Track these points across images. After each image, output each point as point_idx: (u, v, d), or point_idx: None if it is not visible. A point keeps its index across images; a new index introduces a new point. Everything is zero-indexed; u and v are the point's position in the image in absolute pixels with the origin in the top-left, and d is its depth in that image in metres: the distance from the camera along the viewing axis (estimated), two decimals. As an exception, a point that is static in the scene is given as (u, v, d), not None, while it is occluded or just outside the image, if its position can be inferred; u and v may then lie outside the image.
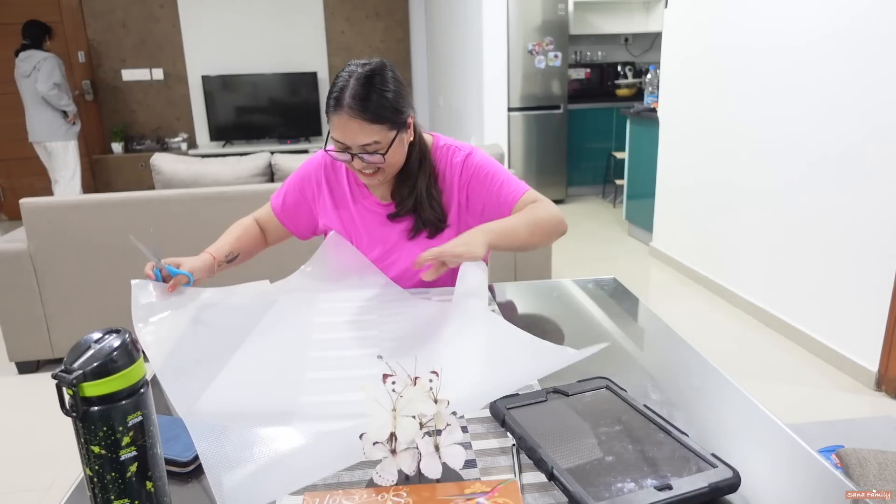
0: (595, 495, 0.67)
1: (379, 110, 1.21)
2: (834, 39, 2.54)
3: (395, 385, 0.70)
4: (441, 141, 1.42)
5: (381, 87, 1.22)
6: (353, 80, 1.22)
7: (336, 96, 1.22)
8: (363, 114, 1.20)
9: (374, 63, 1.25)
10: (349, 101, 1.20)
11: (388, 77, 1.25)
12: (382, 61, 1.27)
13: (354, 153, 1.25)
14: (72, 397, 0.61)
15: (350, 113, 1.20)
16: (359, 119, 1.21)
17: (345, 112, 1.21)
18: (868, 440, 1.97)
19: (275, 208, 1.48)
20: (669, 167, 3.96)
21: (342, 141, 1.24)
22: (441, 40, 5.94)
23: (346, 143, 1.24)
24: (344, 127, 1.22)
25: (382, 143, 1.24)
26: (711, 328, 3.12)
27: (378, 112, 1.21)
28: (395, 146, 1.27)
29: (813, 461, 0.78)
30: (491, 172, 1.38)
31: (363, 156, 1.25)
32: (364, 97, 1.20)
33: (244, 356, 1.04)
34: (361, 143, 1.23)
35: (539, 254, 3.03)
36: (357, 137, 1.22)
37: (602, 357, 1.06)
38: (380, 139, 1.23)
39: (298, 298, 1.29)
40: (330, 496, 0.67)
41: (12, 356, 2.77)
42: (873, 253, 2.42)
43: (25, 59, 4.51)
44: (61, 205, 2.61)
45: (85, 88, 5.88)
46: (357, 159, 1.26)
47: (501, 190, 1.37)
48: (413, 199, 1.37)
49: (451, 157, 1.39)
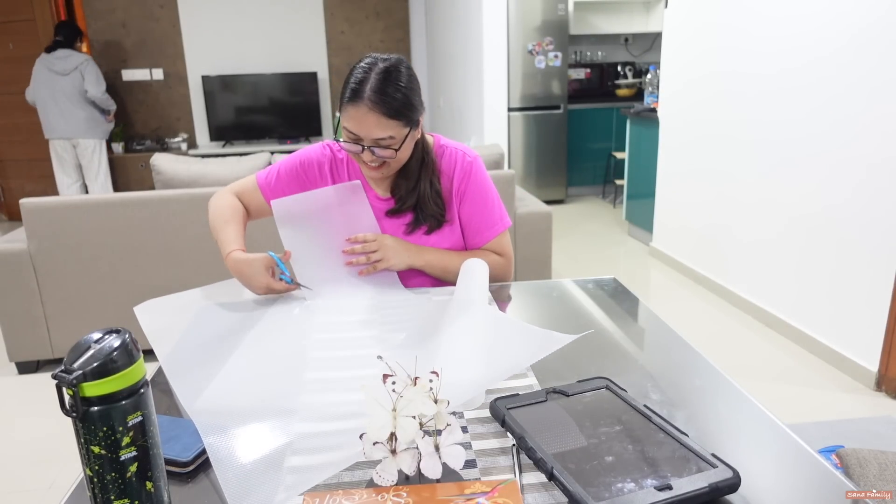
0: (595, 495, 0.67)
1: (397, 105, 1.22)
2: (835, 40, 2.54)
3: (395, 385, 0.70)
4: (442, 140, 1.43)
5: (399, 83, 1.23)
6: (373, 73, 1.22)
7: (354, 88, 1.22)
8: (382, 107, 1.21)
9: (394, 58, 1.26)
10: (369, 94, 1.20)
11: (410, 74, 1.26)
12: (401, 57, 1.28)
13: (366, 146, 1.25)
14: (72, 397, 0.61)
15: (369, 105, 1.21)
16: (377, 112, 1.21)
17: (364, 104, 1.21)
18: (868, 440, 1.97)
19: (261, 184, 1.45)
20: (669, 167, 3.96)
21: (356, 133, 1.24)
22: (441, 40, 5.94)
23: (360, 136, 1.24)
24: (361, 119, 1.22)
25: (396, 139, 1.25)
26: (711, 328, 3.12)
27: (396, 107, 1.22)
28: (407, 143, 1.29)
29: (813, 461, 0.78)
30: (484, 192, 1.43)
31: (374, 149, 1.25)
32: (384, 91, 1.21)
33: (244, 356, 1.05)
34: (376, 137, 1.23)
35: (539, 254, 3.03)
36: (373, 131, 1.23)
37: (602, 357, 1.06)
38: (395, 134, 1.24)
39: (299, 299, 1.29)
40: (330, 496, 0.67)
41: (12, 356, 2.77)
42: (873, 253, 2.42)
43: (63, 58, 4.60)
44: (61, 205, 2.61)
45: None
46: (367, 152, 1.26)
47: (485, 218, 1.43)
48: (415, 196, 1.38)
49: (456, 158, 1.41)
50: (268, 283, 1.26)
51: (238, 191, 1.47)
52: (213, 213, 1.42)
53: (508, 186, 2.88)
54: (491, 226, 1.45)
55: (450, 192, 1.42)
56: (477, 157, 1.43)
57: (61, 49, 4.60)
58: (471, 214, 1.43)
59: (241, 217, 1.43)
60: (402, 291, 1.35)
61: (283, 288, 1.27)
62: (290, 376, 0.99)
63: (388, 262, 1.34)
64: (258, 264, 1.27)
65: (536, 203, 3.11)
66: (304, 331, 1.15)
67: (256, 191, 1.46)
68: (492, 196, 1.44)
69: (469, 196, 1.42)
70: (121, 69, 6.08)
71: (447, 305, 1.22)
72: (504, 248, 1.48)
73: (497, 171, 2.87)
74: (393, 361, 0.73)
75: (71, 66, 4.62)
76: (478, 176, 1.42)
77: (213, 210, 1.43)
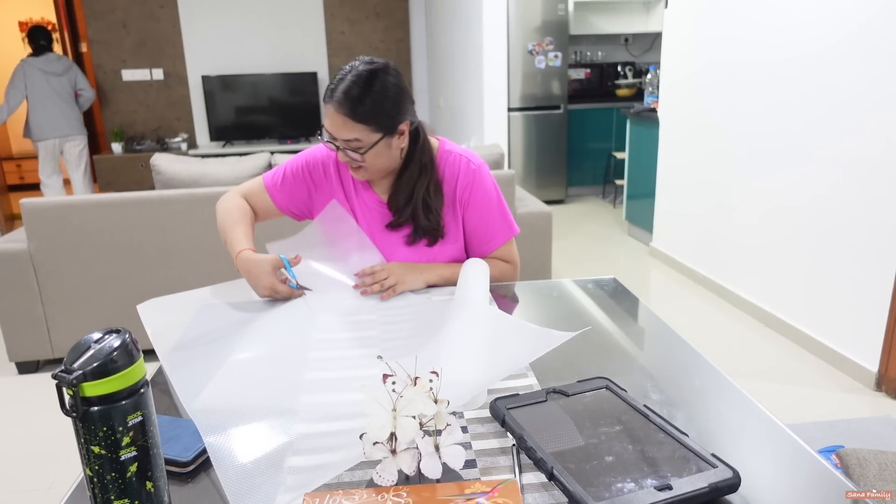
0: (595, 495, 0.67)
1: (364, 110, 1.24)
2: (835, 40, 2.54)
3: (395, 385, 0.70)
4: (447, 146, 1.42)
5: (374, 89, 1.24)
6: (350, 75, 1.25)
7: (331, 87, 1.25)
8: (346, 110, 1.23)
9: (378, 64, 1.27)
10: (339, 96, 1.23)
11: (388, 82, 1.26)
12: (387, 64, 1.28)
13: (338, 146, 1.29)
14: (72, 397, 0.61)
15: (335, 106, 1.24)
16: (342, 114, 1.24)
17: (332, 104, 1.24)
18: (868, 440, 1.97)
19: (268, 185, 1.46)
20: (669, 167, 3.96)
21: (329, 131, 1.28)
22: (441, 40, 5.94)
23: (333, 135, 1.28)
24: (330, 118, 1.26)
25: (363, 143, 1.27)
26: (711, 328, 3.12)
27: (363, 112, 1.24)
28: (379, 149, 1.29)
29: (813, 461, 0.78)
30: (490, 200, 1.42)
31: (347, 150, 1.29)
32: (353, 95, 1.23)
33: (245, 355, 1.05)
34: (343, 138, 1.26)
35: (539, 254, 3.03)
36: (340, 131, 1.26)
37: (602, 357, 1.06)
38: (361, 138, 1.26)
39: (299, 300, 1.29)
40: (330, 496, 0.67)
41: (12, 356, 2.77)
42: (873, 253, 2.42)
43: (56, 60, 4.82)
44: (61, 205, 2.61)
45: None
46: (341, 152, 1.30)
47: (490, 227, 1.43)
48: (411, 207, 1.38)
49: (459, 166, 1.40)
50: (272, 284, 1.26)
51: (245, 192, 1.48)
52: (222, 215, 1.43)
53: (508, 186, 2.88)
54: (497, 235, 1.44)
55: (452, 201, 1.41)
56: (482, 165, 1.42)
57: (47, 53, 4.79)
58: (476, 223, 1.42)
59: (250, 218, 1.44)
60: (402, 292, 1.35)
61: (287, 292, 1.27)
62: (290, 376, 0.99)
63: (404, 284, 1.33)
64: (266, 264, 1.27)
65: (536, 203, 3.11)
66: (304, 330, 1.15)
67: (263, 192, 1.47)
68: (498, 204, 1.43)
69: (473, 205, 1.41)
70: (121, 69, 6.07)
71: (447, 305, 1.22)
72: (512, 256, 1.48)
73: (497, 172, 2.87)
74: (393, 361, 0.73)
75: (63, 67, 4.84)
76: (483, 184, 1.40)
77: (222, 212, 1.44)
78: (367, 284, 1.32)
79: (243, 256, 1.30)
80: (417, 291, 1.36)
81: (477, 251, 1.46)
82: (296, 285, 1.28)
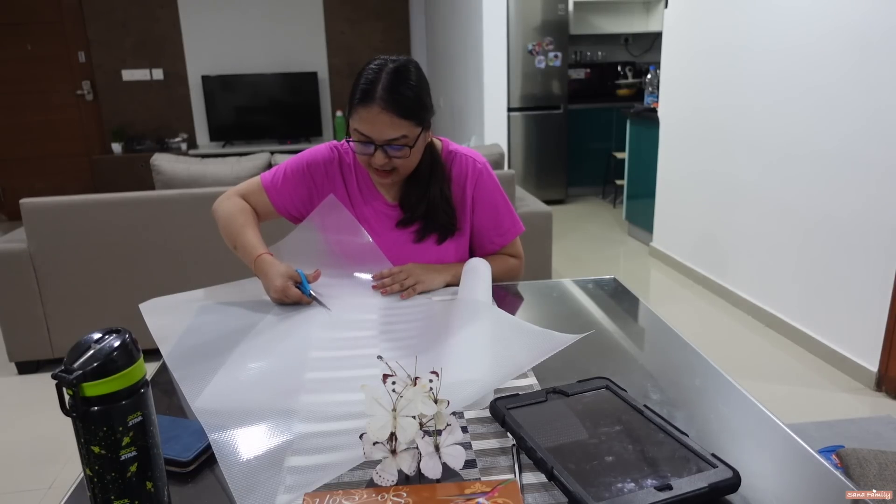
0: (595, 495, 0.67)
1: (409, 104, 1.22)
2: (834, 39, 2.54)
3: (395, 385, 0.70)
4: (451, 146, 1.42)
5: (413, 83, 1.24)
6: (383, 73, 1.22)
7: (365, 89, 1.22)
8: (394, 107, 1.21)
9: (403, 59, 1.27)
10: (381, 94, 1.21)
11: (420, 75, 1.27)
12: (410, 58, 1.28)
13: (378, 145, 1.25)
14: (72, 397, 0.61)
15: (381, 105, 1.21)
16: (390, 112, 1.21)
17: (376, 105, 1.21)
18: (868, 440, 1.97)
19: (266, 185, 1.43)
20: (669, 167, 3.96)
21: (368, 134, 1.24)
22: (441, 40, 5.94)
23: (372, 137, 1.24)
24: (373, 120, 1.22)
25: (410, 139, 1.25)
26: (711, 328, 3.12)
27: (408, 106, 1.22)
28: (419, 143, 1.29)
29: (813, 461, 0.78)
30: (496, 198, 1.43)
31: (388, 149, 1.25)
32: (395, 90, 1.21)
33: (246, 354, 1.05)
34: (389, 137, 1.23)
35: (539, 254, 3.03)
36: (385, 131, 1.23)
37: (602, 357, 1.06)
38: (407, 134, 1.25)
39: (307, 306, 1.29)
40: (330, 496, 0.67)
41: (12, 356, 2.77)
42: (873, 253, 2.41)
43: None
44: (61, 205, 2.61)
45: (85, 88, 5.88)
46: (380, 153, 1.26)
47: (498, 225, 1.44)
48: (424, 204, 1.37)
49: (467, 165, 1.41)
50: (285, 286, 1.23)
51: (243, 193, 1.45)
52: (226, 219, 1.40)
53: (508, 186, 2.88)
54: (504, 232, 1.45)
55: (462, 201, 1.41)
56: (486, 163, 1.43)
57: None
58: (486, 221, 1.43)
59: (255, 220, 1.41)
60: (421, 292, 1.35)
61: (297, 296, 1.24)
62: (290, 375, 0.99)
63: (423, 284, 1.32)
64: (283, 269, 1.26)
65: (536, 203, 3.11)
66: (305, 330, 1.15)
67: (262, 192, 1.43)
68: (504, 202, 1.44)
69: (481, 203, 1.42)
70: (121, 69, 6.07)
71: (449, 306, 1.22)
72: (519, 251, 1.50)
73: (497, 172, 2.86)
74: (393, 361, 0.73)
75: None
76: (489, 183, 1.42)
77: (225, 216, 1.41)
78: (387, 285, 1.31)
79: (264, 259, 1.29)
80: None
81: (488, 247, 1.46)
82: (309, 293, 1.26)
